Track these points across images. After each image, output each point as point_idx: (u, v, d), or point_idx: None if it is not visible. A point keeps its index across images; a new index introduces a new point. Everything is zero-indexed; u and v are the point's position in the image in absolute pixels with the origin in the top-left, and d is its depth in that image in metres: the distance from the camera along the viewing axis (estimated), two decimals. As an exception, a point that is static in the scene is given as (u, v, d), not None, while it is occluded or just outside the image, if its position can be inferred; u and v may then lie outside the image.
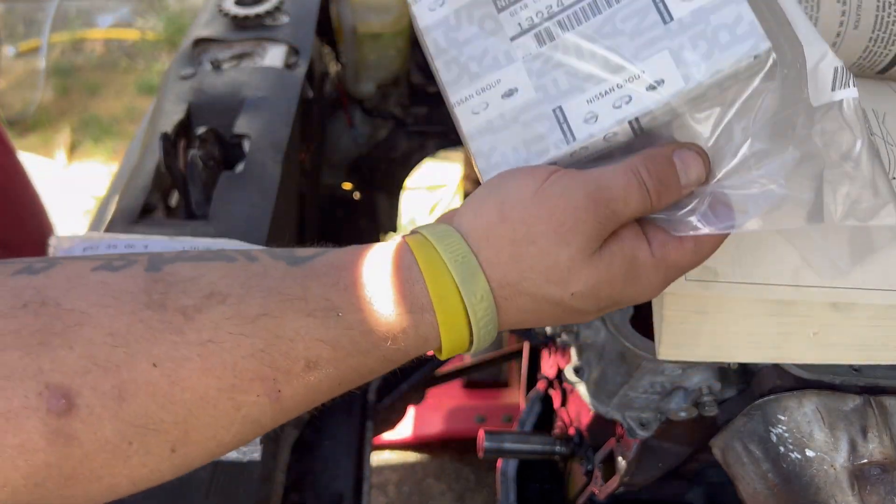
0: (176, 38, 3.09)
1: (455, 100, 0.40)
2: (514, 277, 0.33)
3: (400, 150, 1.38)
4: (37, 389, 0.26)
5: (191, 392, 0.28)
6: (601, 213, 0.33)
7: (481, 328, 0.33)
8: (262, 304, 0.30)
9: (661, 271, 0.35)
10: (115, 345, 0.27)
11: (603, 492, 0.71)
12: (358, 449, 0.92)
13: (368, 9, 1.14)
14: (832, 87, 0.35)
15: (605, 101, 0.36)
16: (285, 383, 0.30)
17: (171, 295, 0.29)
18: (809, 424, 0.48)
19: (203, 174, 0.66)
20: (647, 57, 0.36)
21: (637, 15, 0.36)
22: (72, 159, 2.61)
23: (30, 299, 0.27)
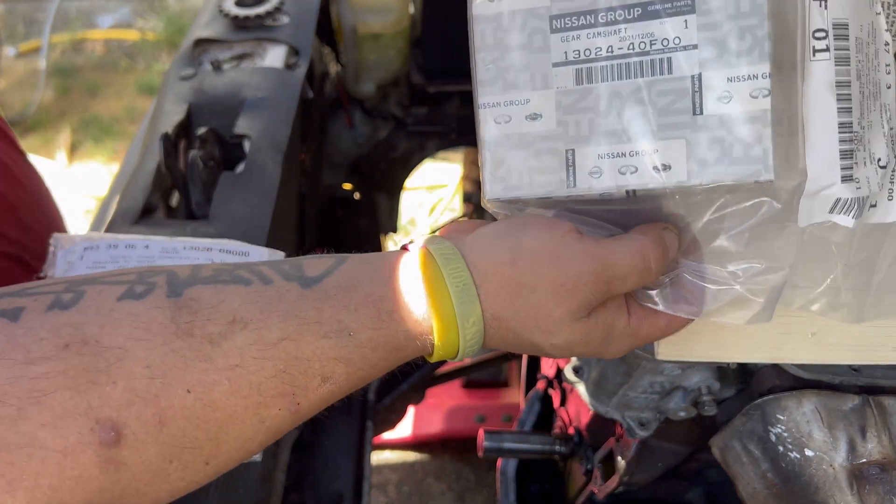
0: (176, 39, 3.09)
1: (483, 101, 0.40)
2: (506, 314, 0.36)
3: (400, 150, 1.38)
4: (89, 425, 0.28)
5: (221, 412, 0.31)
6: (600, 288, 0.36)
7: (467, 347, 0.37)
8: (281, 328, 0.33)
9: (631, 340, 0.40)
10: (153, 376, 0.30)
11: (602, 491, 0.71)
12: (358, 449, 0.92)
13: (368, 9, 1.14)
14: (829, 211, 0.37)
15: (613, 161, 0.38)
16: (303, 397, 0.34)
17: (196, 323, 0.32)
18: (808, 424, 0.48)
19: (203, 174, 0.66)
20: (666, 138, 0.37)
21: (673, 94, 0.37)
22: (72, 160, 2.61)
23: (70, 339, 0.29)
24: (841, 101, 0.36)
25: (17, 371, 0.28)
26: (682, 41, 0.36)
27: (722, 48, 0.36)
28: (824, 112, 0.36)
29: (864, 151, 0.37)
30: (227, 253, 0.56)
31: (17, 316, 0.30)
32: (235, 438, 0.32)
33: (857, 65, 0.37)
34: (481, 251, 0.37)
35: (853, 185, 0.37)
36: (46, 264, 0.56)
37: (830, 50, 0.36)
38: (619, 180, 0.38)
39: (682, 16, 0.36)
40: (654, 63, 0.37)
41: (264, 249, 0.58)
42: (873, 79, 0.38)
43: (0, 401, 0.27)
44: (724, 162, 0.36)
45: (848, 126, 0.37)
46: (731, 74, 0.36)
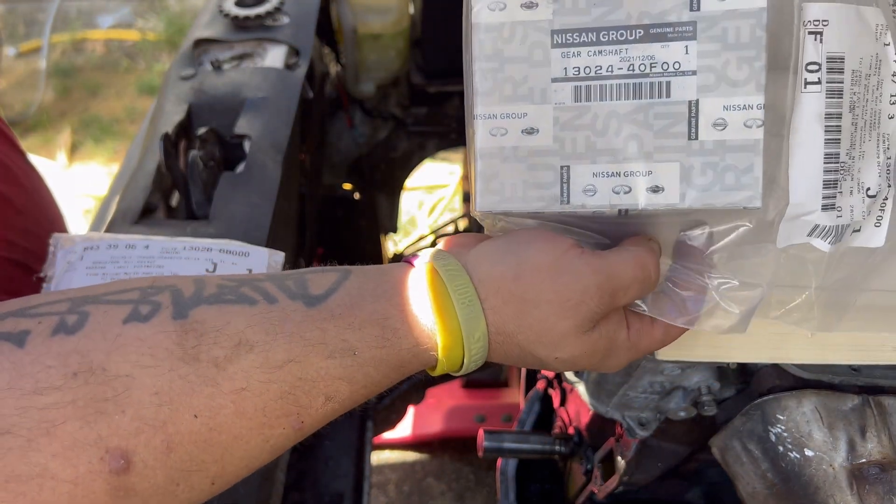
0: (176, 39, 3.09)
1: (479, 112, 0.40)
2: (511, 329, 0.37)
3: (400, 150, 1.38)
4: (98, 455, 0.29)
5: (227, 434, 0.32)
6: (605, 300, 0.37)
7: (471, 362, 0.37)
8: (286, 349, 0.33)
9: (631, 353, 0.40)
10: (161, 403, 0.30)
11: (602, 491, 0.71)
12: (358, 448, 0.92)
13: (368, 9, 1.14)
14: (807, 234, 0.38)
15: (608, 181, 0.38)
16: (307, 416, 0.34)
17: (203, 347, 0.32)
18: (808, 424, 0.48)
19: (203, 174, 0.66)
20: (660, 160, 0.37)
21: (670, 117, 0.37)
22: (72, 160, 2.61)
23: (78, 368, 0.30)
24: (829, 132, 0.37)
25: (26, 401, 0.28)
26: (681, 66, 0.37)
27: (720, 76, 0.36)
28: (811, 142, 0.37)
29: (850, 181, 0.38)
30: (227, 253, 0.56)
31: (23, 341, 0.30)
32: (240, 458, 0.33)
33: (851, 97, 0.37)
34: (485, 267, 0.38)
35: (833, 213, 0.38)
36: (46, 264, 0.56)
37: (822, 83, 0.37)
38: (612, 199, 0.38)
39: (683, 41, 0.37)
40: (654, 86, 0.37)
41: (264, 250, 0.58)
42: (871, 109, 0.39)
43: (10, 431, 0.28)
44: (715, 187, 0.37)
45: (835, 157, 0.38)
46: (728, 103, 0.37)
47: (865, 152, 0.38)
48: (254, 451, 0.33)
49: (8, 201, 0.68)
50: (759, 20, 0.36)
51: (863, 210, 0.39)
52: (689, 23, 0.37)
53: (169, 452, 0.30)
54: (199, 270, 0.55)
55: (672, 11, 0.37)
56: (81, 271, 0.55)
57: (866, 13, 0.38)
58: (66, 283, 0.55)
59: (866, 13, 0.38)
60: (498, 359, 0.39)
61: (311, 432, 0.35)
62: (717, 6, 0.36)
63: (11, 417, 0.28)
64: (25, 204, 0.71)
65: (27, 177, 0.74)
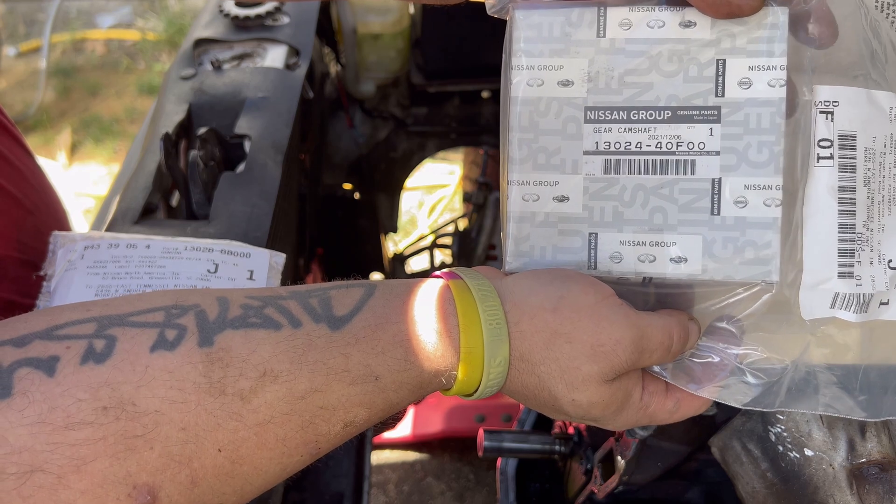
0: (177, 39, 3.09)
1: (514, 178, 0.42)
2: (536, 358, 0.37)
3: (400, 150, 1.38)
4: (126, 491, 0.29)
5: (248, 466, 0.32)
6: (633, 356, 0.37)
7: (487, 387, 0.37)
8: (310, 379, 0.33)
9: (639, 415, 0.41)
10: (187, 440, 0.30)
11: (602, 491, 0.71)
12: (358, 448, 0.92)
13: (368, 9, 1.14)
14: (830, 306, 0.40)
15: (633, 249, 0.41)
16: (324, 443, 0.34)
17: (228, 380, 0.32)
18: (808, 424, 0.48)
19: (204, 174, 0.66)
20: (684, 233, 0.40)
21: (695, 193, 0.40)
22: (72, 160, 2.61)
23: (108, 402, 0.30)
24: (843, 203, 0.39)
25: (58, 437, 0.28)
26: (706, 146, 0.40)
27: (741, 158, 0.39)
28: (825, 213, 0.40)
29: (869, 251, 0.40)
30: (228, 254, 0.56)
31: (53, 369, 0.30)
32: (258, 487, 0.34)
33: (865, 172, 0.40)
34: (522, 292, 0.38)
35: (852, 281, 0.40)
36: (46, 263, 0.56)
37: (834, 158, 0.39)
38: (637, 267, 0.40)
39: (708, 124, 0.40)
40: (679, 163, 0.40)
41: (265, 251, 0.58)
42: (890, 185, 0.41)
43: (42, 469, 0.28)
44: (736, 261, 0.39)
45: (850, 227, 0.40)
46: (748, 182, 0.39)
47: (885, 225, 0.40)
48: (270, 479, 0.34)
49: (18, 202, 0.68)
50: (779, 109, 0.39)
51: (885, 281, 0.40)
52: (713, 107, 0.39)
53: (193, 487, 0.31)
54: (200, 271, 0.55)
55: (699, 96, 0.40)
56: (82, 270, 0.55)
57: (878, 97, 0.40)
58: (66, 281, 0.55)
59: (878, 97, 0.40)
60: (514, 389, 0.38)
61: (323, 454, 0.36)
62: (740, 93, 0.39)
63: (43, 454, 0.28)
64: (35, 203, 0.71)
65: (34, 176, 0.73)
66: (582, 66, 0.41)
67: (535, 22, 0.42)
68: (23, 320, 0.32)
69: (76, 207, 2.31)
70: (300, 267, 0.97)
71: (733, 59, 0.39)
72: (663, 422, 0.42)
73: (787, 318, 0.41)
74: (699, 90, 0.40)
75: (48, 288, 0.55)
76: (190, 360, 0.32)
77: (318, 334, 0.34)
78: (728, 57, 0.39)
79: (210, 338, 0.33)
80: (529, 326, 0.37)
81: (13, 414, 0.28)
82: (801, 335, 0.41)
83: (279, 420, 0.32)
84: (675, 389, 0.41)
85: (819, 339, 0.41)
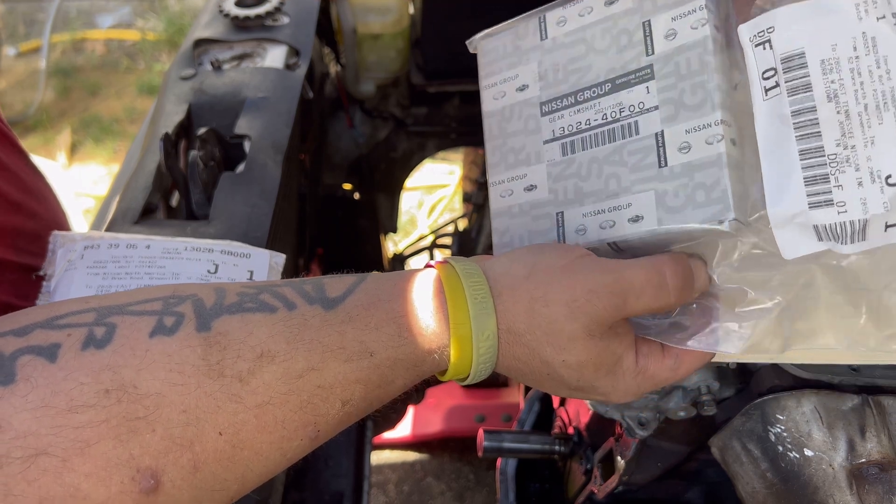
0: (176, 39, 3.09)
1: (492, 180, 0.47)
2: (521, 328, 0.37)
3: (400, 150, 1.38)
4: (130, 474, 0.29)
5: (248, 450, 0.32)
6: (614, 302, 0.37)
7: (480, 364, 0.37)
8: (306, 357, 0.34)
9: (639, 379, 0.40)
10: (188, 422, 0.31)
11: (602, 491, 0.71)
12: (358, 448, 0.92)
13: (368, 10, 1.14)
14: (819, 240, 0.37)
15: (595, 219, 0.42)
16: (323, 424, 0.34)
17: (227, 361, 0.32)
18: (808, 424, 0.48)
19: (204, 174, 0.66)
20: (638, 192, 0.41)
21: (641, 152, 0.41)
22: (72, 160, 2.61)
23: (110, 385, 0.30)
24: (800, 128, 0.37)
25: (62, 420, 0.28)
26: (645, 105, 0.41)
27: (678, 105, 0.40)
28: (781, 143, 0.37)
29: (854, 171, 0.36)
30: (228, 254, 0.56)
31: (55, 355, 0.30)
32: (259, 474, 0.33)
33: (827, 87, 0.36)
34: (500, 267, 0.39)
35: (832, 209, 0.36)
36: (46, 262, 0.56)
37: (780, 85, 0.37)
38: (600, 235, 0.42)
39: (644, 83, 0.41)
40: (624, 128, 0.42)
41: (266, 251, 0.58)
42: (876, 90, 0.36)
43: (46, 452, 0.28)
44: (688, 207, 0.39)
45: (816, 151, 0.36)
46: (689, 126, 0.39)
47: (875, 137, 0.36)
48: (272, 466, 0.34)
49: (15, 205, 0.68)
50: (705, 47, 0.39)
51: (884, 201, 0.35)
52: (646, 66, 0.41)
53: (195, 472, 0.31)
54: (200, 271, 0.55)
55: (632, 61, 0.42)
56: (82, 270, 0.55)
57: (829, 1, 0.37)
58: (66, 281, 0.55)
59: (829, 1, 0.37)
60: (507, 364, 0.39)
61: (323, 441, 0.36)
62: (668, 46, 0.41)
63: (47, 437, 0.28)
64: (33, 207, 0.71)
65: (32, 180, 0.73)
66: (532, 69, 0.46)
67: (491, 46, 0.48)
68: (24, 313, 0.32)
69: (76, 207, 2.30)
70: (300, 267, 0.97)
71: (657, 16, 0.41)
72: (668, 381, 0.41)
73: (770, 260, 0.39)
74: (632, 56, 0.42)
75: (48, 288, 0.55)
76: (189, 344, 0.32)
77: (313, 314, 0.35)
78: (651, 17, 0.41)
79: (208, 323, 0.33)
80: (510, 298, 0.37)
81: (17, 399, 0.28)
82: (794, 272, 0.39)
83: (278, 401, 0.32)
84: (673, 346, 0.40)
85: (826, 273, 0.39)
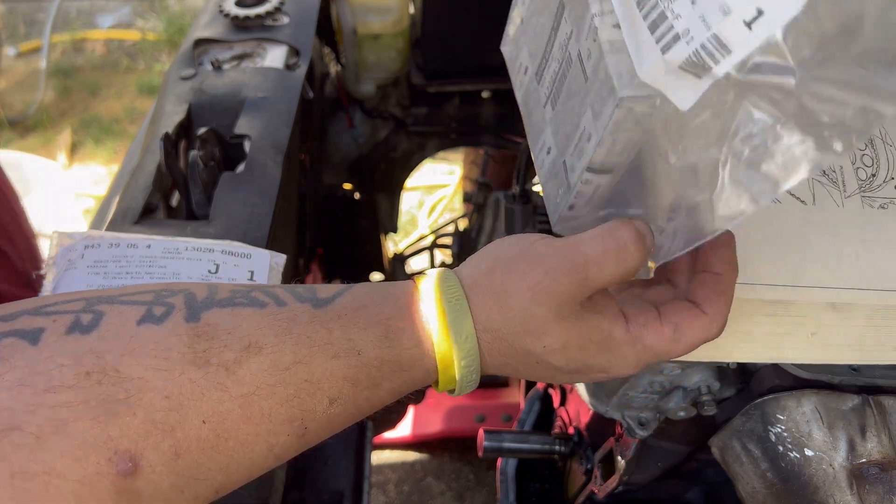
0: (177, 39, 3.10)
1: (533, 153, 0.48)
2: (496, 324, 0.37)
3: (400, 150, 1.38)
4: (107, 455, 0.29)
5: (233, 441, 0.32)
6: (573, 279, 0.36)
7: (463, 367, 0.37)
8: (294, 351, 0.33)
9: (636, 350, 0.38)
10: (171, 408, 0.30)
11: (602, 491, 0.71)
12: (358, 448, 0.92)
13: (368, 10, 1.14)
14: (696, 77, 0.31)
15: (573, 156, 0.41)
16: (311, 421, 0.34)
17: (213, 350, 0.32)
18: (808, 424, 0.48)
19: (204, 174, 0.66)
20: (583, 114, 0.39)
21: (578, 78, 0.40)
22: (72, 160, 2.61)
23: (91, 367, 0.29)
24: None
25: (38, 399, 0.28)
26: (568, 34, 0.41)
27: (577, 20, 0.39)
28: (628, 7, 0.33)
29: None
30: (229, 254, 0.56)
31: (37, 339, 0.30)
32: (245, 467, 0.33)
33: None
34: (468, 269, 0.39)
35: (681, 43, 0.31)
36: (46, 262, 0.56)
37: None
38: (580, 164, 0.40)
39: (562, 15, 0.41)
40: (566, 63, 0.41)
41: (266, 252, 0.58)
42: None
43: (20, 428, 0.27)
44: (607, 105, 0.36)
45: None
46: (584, 35, 0.38)
47: None
48: (258, 459, 0.33)
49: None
50: None
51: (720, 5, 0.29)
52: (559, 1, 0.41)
53: (177, 458, 0.30)
54: (201, 271, 0.55)
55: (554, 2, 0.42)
56: (82, 269, 0.55)
57: None
58: (66, 281, 0.55)
59: None
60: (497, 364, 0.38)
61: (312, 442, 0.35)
62: None
63: (22, 414, 0.28)
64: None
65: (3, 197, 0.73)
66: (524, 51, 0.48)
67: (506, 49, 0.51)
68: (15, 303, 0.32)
69: (76, 208, 2.30)
70: (300, 267, 0.97)
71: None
72: (669, 354, 0.38)
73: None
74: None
75: (48, 287, 0.55)
76: (176, 332, 0.32)
77: (302, 311, 0.35)
78: None
79: (197, 314, 0.33)
80: (480, 297, 0.37)
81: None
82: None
83: (264, 392, 0.32)
84: (670, 315, 0.38)
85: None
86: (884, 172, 0.47)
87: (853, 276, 0.44)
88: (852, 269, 0.44)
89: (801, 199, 0.45)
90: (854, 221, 0.45)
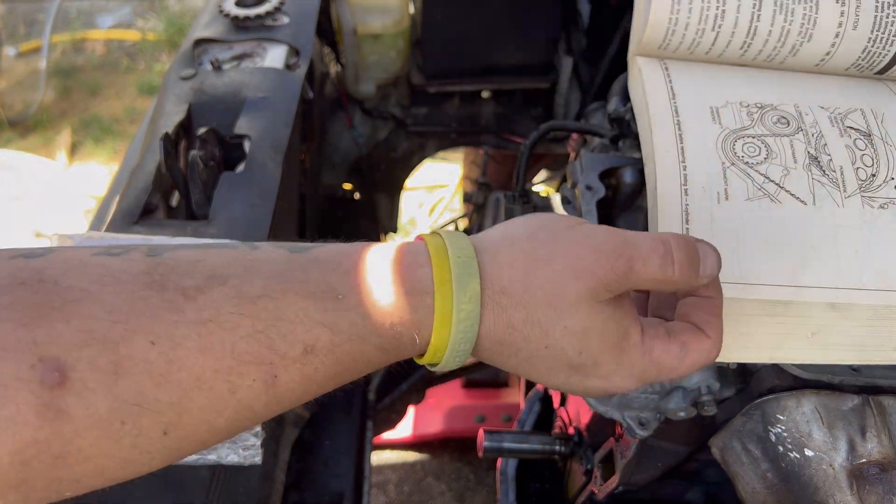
0: (176, 39, 3.09)
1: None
2: (518, 288, 0.34)
3: (400, 150, 1.38)
4: (29, 361, 0.25)
5: (187, 372, 0.28)
6: (619, 265, 0.34)
7: (459, 331, 0.33)
8: (263, 285, 0.30)
9: (643, 360, 0.36)
10: (115, 321, 0.27)
11: (602, 491, 0.71)
12: (358, 448, 0.92)
13: (368, 10, 1.14)
14: None
15: None
16: (282, 368, 0.30)
17: (172, 277, 0.28)
18: (808, 424, 0.48)
19: (203, 174, 0.66)
20: None
21: None
22: (72, 160, 2.61)
23: (28, 278, 0.26)
24: None
25: None
26: None
27: None
28: None
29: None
30: (227, 253, 0.56)
31: None
32: (200, 408, 0.28)
33: None
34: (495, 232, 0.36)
35: None
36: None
37: None
38: None
39: None
40: None
41: (264, 249, 0.58)
42: None
43: None
44: None
45: None
46: None
47: None
48: (216, 402, 0.29)
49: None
50: None
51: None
52: None
53: (116, 377, 0.26)
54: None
55: None
56: (81, 271, 0.55)
57: None
58: (66, 282, 0.55)
59: None
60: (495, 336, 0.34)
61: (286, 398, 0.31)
62: None
63: None
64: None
65: None
66: None
67: None
68: None
69: (76, 208, 2.30)
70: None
71: None
72: (672, 372, 0.37)
73: None
74: None
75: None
76: (132, 260, 0.29)
77: (276, 253, 0.31)
78: None
79: (159, 252, 0.30)
80: (507, 258, 0.34)
81: None
82: None
83: (226, 322, 0.28)
84: (679, 333, 0.37)
85: None
86: (884, 173, 0.47)
87: (853, 276, 0.44)
88: (852, 269, 0.44)
89: (802, 199, 0.45)
90: (854, 221, 0.45)
